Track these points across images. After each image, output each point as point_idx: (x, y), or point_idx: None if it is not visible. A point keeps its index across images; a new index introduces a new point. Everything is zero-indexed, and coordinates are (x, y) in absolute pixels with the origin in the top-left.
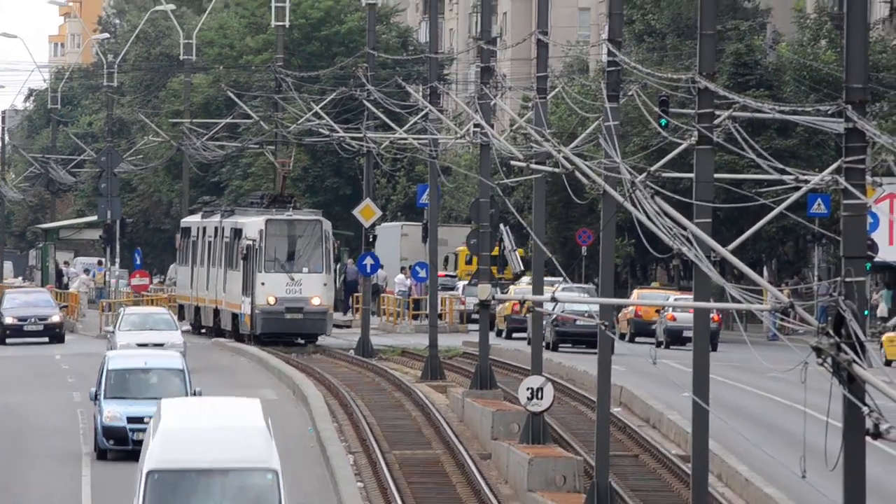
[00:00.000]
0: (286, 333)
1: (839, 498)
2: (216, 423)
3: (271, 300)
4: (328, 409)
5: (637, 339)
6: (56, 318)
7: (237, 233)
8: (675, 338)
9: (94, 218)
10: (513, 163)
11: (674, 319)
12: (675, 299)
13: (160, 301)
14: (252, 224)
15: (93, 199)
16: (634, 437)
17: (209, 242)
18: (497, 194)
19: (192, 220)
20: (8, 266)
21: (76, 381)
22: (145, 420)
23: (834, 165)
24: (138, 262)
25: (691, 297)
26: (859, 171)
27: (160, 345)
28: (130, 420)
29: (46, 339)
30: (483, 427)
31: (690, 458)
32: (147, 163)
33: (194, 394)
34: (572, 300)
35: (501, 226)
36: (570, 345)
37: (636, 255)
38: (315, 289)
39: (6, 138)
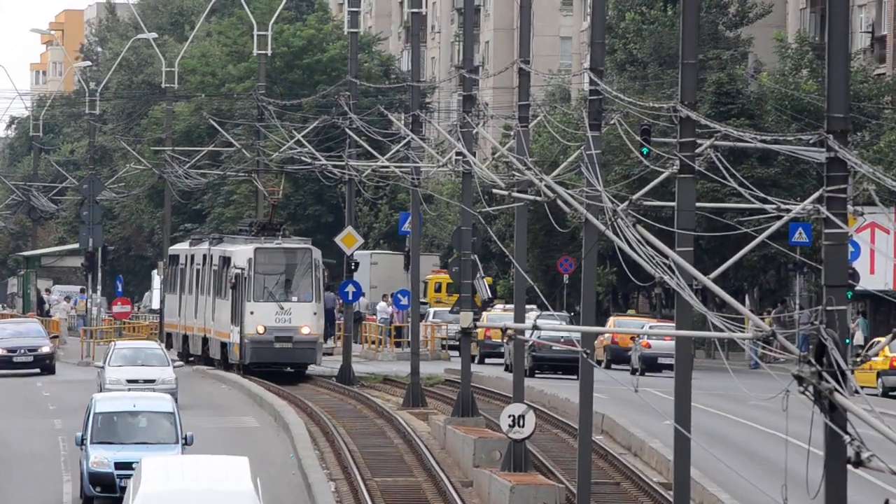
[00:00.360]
0: (275, 363)
1: None
2: (200, 486)
3: (260, 329)
4: (310, 437)
5: (613, 366)
6: (46, 349)
7: (226, 261)
8: (650, 364)
9: (76, 245)
10: (495, 191)
11: (649, 347)
12: (651, 326)
13: (142, 329)
14: (241, 252)
15: (74, 226)
16: (616, 465)
17: (197, 270)
18: (479, 222)
19: (180, 248)
20: None
21: (57, 409)
22: (134, 466)
23: (815, 195)
24: (120, 289)
25: (666, 324)
26: (841, 200)
27: (151, 381)
28: (118, 466)
29: (37, 371)
30: (465, 454)
31: (672, 486)
32: (129, 190)
33: (185, 439)
34: (552, 328)
35: None
36: (546, 371)
37: (618, 283)
38: (304, 318)
39: None
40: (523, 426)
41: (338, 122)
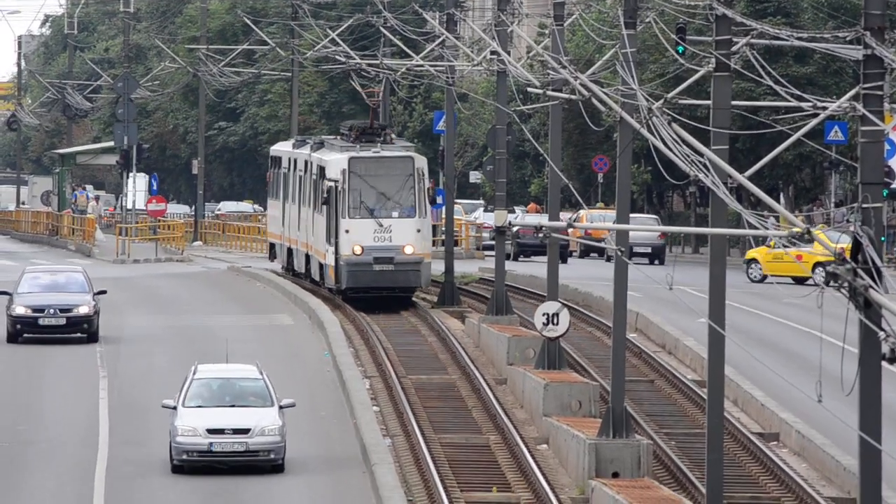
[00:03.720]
0: (375, 287)
1: (854, 422)
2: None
3: (357, 250)
4: (344, 335)
5: (588, 255)
6: (85, 309)
7: (322, 171)
8: (630, 254)
9: (111, 144)
10: (529, 90)
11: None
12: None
13: (177, 227)
14: (334, 162)
15: (109, 124)
16: (650, 363)
17: (300, 177)
18: (514, 121)
19: (282, 150)
20: (9, 191)
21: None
22: None
23: (852, 92)
24: (154, 187)
25: (639, 216)
26: (877, 97)
27: (244, 431)
28: None
29: (75, 336)
30: (499, 352)
31: (706, 384)
32: (163, 89)
33: None
34: (589, 226)
35: None
36: (530, 255)
37: (653, 181)
38: (407, 236)
39: (23, 64)
40: (557, 324)
41: (372, 20)
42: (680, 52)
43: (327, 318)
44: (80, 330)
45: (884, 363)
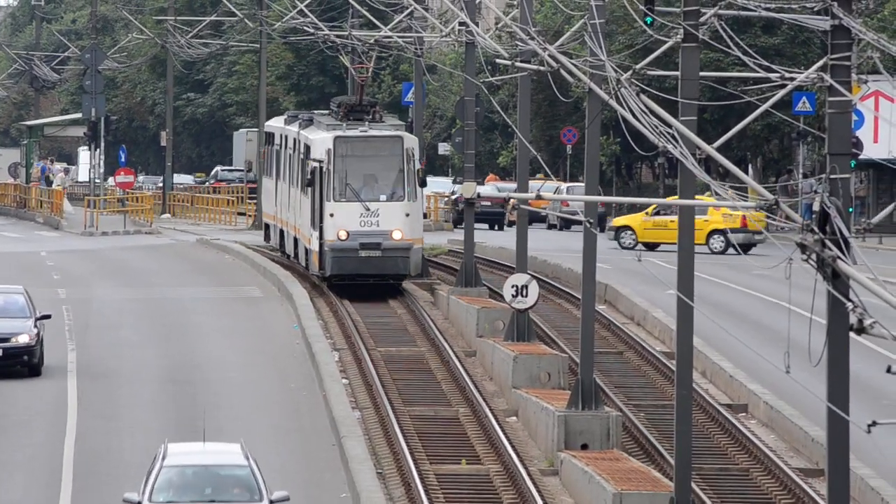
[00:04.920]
0: (361, 275)
1: (823, 393)
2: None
3: (342, 235)
4: (313, 307)
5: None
6: (25, 339)
7: (308, 150)
8: (568, 223)
9: (79, 115)
10: (498, 61)
11: (568, 205)
12: (568, 188)
13: (145, 199)
14: (319, 141)
15: (77, 96)
16: (619, 335)
17: (289, 156)
18: (482, 93)
19: (275, 125)
20: None
21: (62, 278)
22: None
23: (819, 63)
24: (123, 159)
25: (577, 185)
26: (845, 68)
27: None
28: None
29: (14, 368)
30: (468, 325)
31: (675, 355)
32: (131, 60)
33: None
34: (552, 196)
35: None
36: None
37: (621, 153)
38: (395, 220)
39: None
40: (526, 296)
41: None
42: (648, 22)
43: (296, 290)
44: (20, 363)
45: (851, 334)
